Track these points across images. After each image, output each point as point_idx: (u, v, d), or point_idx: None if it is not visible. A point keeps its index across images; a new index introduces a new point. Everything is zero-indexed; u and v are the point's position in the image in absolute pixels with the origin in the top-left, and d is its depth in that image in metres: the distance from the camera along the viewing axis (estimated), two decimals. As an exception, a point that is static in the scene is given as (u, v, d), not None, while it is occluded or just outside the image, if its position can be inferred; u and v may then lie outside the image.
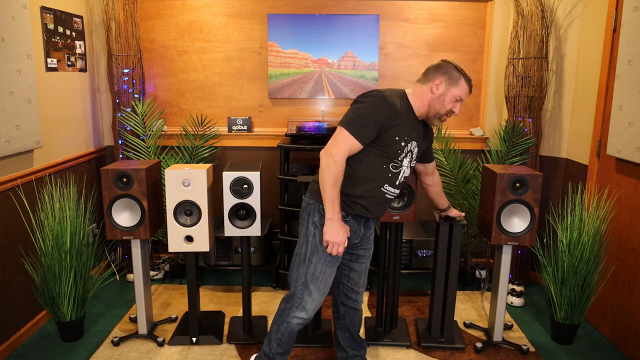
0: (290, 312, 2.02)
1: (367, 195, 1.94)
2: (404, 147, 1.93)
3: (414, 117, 1.96)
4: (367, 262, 2.16)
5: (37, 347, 2.59)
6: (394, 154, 1.92)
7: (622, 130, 2.50)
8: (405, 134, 1.91)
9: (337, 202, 1.83)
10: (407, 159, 1.98)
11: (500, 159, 3.28)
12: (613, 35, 2.70)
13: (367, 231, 2.09)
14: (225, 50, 3.53)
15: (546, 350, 2.63)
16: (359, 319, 2.25)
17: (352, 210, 1.96)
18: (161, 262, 3.52)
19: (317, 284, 1.97)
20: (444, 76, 1.91)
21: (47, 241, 2.48)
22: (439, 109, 1.94)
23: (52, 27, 2.88)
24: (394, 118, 1.85)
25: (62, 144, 3.02)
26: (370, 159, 1.91)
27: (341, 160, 1.82)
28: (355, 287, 2.16)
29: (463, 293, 3.29)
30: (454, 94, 1.92)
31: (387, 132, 1.86)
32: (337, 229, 1.83)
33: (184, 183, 2.40)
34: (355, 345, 2.29)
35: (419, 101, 1.95)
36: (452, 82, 1.91)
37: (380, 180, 1.94)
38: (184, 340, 2.62)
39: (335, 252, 1.86)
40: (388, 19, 3.48)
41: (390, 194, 2.01)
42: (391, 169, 1.95)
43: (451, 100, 1.93)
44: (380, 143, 1.89)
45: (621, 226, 2.63)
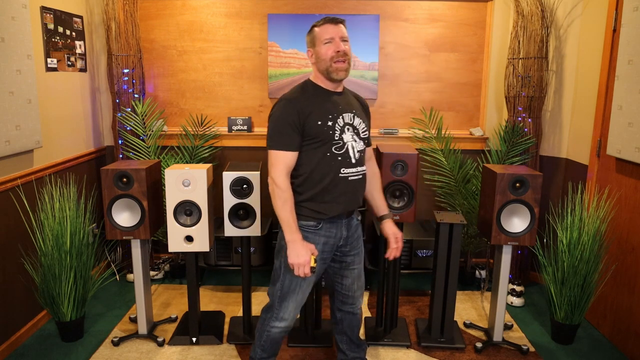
0: (270, 322, 2.02)
1: (330, 189, 1.86)
2: (334, 125, 1.85)
3: (330, 93, 1.90)
4: (359, 267, 2.07)
5: (37, 347, 2.59)
6: (328, 137, 1.84)
7: (622, 130, 2.50)
8: (328, 112, 1.85)
9: (292, 224, 1.80)
10: (349, 133, 1.89)
11: (500, 159, 3.28)
12: (613, 35, 2.70)
13: (352, 232, 2.00)
14: (225, 50, 3.53)
15: (546, 350, 2.63)
16: (358, 322, 2.19)
17: (323, 215, 1.88)
18: (161, 262, 3.52)
19: (293, 296, 1.96)
20: (307, 45, 1.92)
21: (47, 241, 2.48)
22: (324, 65, 1.86)
23: (52, 27, 2.88)
24: (302, 108, 1.81)
25: (62, 144, 3.02)
26: (311, 156, 1.85)
27: (282, 181, 1.80)
28: (349, 292, 2.09)
29: (463, 293, 3.29)
30: (321, 42, 1.85)
31: (307, 124, 1.81)
32: (299, 250, 1.79)
33: (184, 183, 2.40)
34: (355, 347, 2.26)
35: (317, 77, 1.92)
36: (313, 42, 1.89)
37: (333, 169, 1.86)
38: (184, 340, 2.62)
39: (302, 273, 1.81)
40: (388, 19, 3.48)
41: (354, 174, 1.91)
42: (335, 151, 1.86)
43: (325, 49, 1.85)
44: (309, 137, 1.83)
45: (621, 226, 2.63)
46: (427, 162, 3.48)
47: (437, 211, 2.68)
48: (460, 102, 3.60)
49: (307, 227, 1.89)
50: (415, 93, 3.59)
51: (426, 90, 3.58)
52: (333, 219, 1.91)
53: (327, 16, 1.90)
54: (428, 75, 3.56)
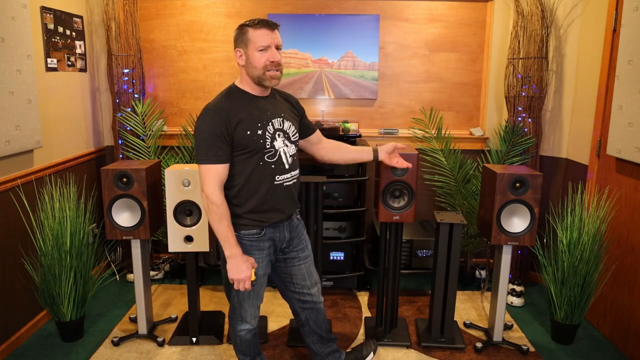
0: (237, 327, 2.01)
1: (267, 198, 1.84)
2: (264, 133, 1.80)
3: (256, 99, 1.84)
4: (307, 260, 2.06)
5: (37, 347, 2.59)
6: (258, 147, 1.79)
7: (622, 130, 2.50)
8: (256, 121, 1.79)
9: (231, 238, 1.78)
10: (279, 140, 1.85)
11: (500, 159, 3.28)
12: (613, 35, 2.70)
13: (294, 233, 2.00)
14: (225, 50, 3.53)
15: (546, 350, 2.63)
16: (323, 317, 2.16)
17: (264, 223, 1.86)
18: (161, 262, 3.52)
19: (249, 300, 1.95)
20: (237, 44, 1.80)
21: (47, 241, 2.48)
22: (255, 72, 1.78)
23: (52, 27, 2.88)
24: (229, 119, 1.74)
25: (62, 144, 3.02)
26: (243, 166, 1.81)
27: (216, 195, 1.74)
28: (304, 289, 2.06)
29: (463, 293, 3.29)
30: (255, 49, 1.76)
31: (236, 134, 1.75)
32: (239, 266, 1.78)
33: (184, 183, 2.40)
34: (327, 343, 2.22)
35: (245, 81, 1.84)
36: (244, 43, 1.77)
37: (267, 177, 1.83)
38: (184, 340, 2.62)
39: (243, 288, 1.80)
40: (388, 19, 3.48)
41: (289, 179, 1.89)
42: (268, 160, 1.82)
43: (259, 57, 1.76)
44: (239, 147, 1.78)
45: (621, 226, 2.63)
46: (427, 162, 3.48)
47: (437, 211, 2.68)
48: (460, 102, 3.60)
49: (251, 236, 1.87)
50: (415, 93, 3.59)
51: (426, 90, 3.58)
52: (275, 224, 1.91)
53: (261, 19, 1.78)
54: (428, 75, 3.56)
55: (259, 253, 1.90)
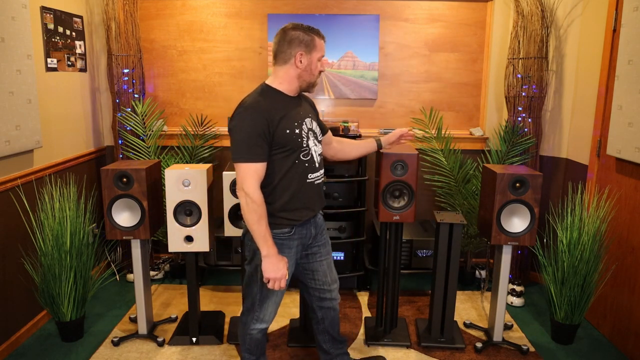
0: (250, 325, 2.01)
1: (299, 196, 1.88)
2: (301, 132, 1.85)
3: (290, 99, 1.88)
4: (329, 257, 2.10)
5: (37, 347, 2.59)
6: (296, 145, 1.84)
7: (622, 130, 2.50)
8: (293, 120, 1.83)
9: (268, 237, 1.78)
10: (311, 139, 1.91)
11: (500, 159, 3.28)
12: (613, 35, 2.70)
13: (318, 229, 2.04)
14: (225, 50, 3.53)
15: (546, 350, 2.63)
16: (338, 318, 2.21)
17: (295, 222, 1.89)
18: (161, 262, 3.52)
19: (273, 298, 1.96)
20: (300, 46, 1.82)
21: (47, 241, 2.48)
22: (310, 78, 1.88)
23: (52, 27, 2.88)
24: (271, 118, 1.77)
25: (62, 144, 3.02)
26: (280, 165, 1.83)
27: (256, 194, 1.75)
28: (325, 286, 2.10)
29: (463, 293, 3.29)
30: (318, 57, 1.86)
31: (276, 133, 1.78)
32: (276, 264, 1.79)
33: (184, 183, 2.40)
34: (338, 344, 2.25)
35: (287, 82, 1.86)
36: (309, 48, 1.83)
37: (302, 175, 1.88)
38: (184, 340, 2.62)
39: (278, 287, 1.81)
40: (388, 19, 3.48)
41: (318, 178, 1.95)
42: (303, 158, 1.87)
43: (317, 64, 1.87)
44: (278, 146, 1.81)
45: (621, 226, 2.63)
46: (427, 162, 3.48)
47: (437, 211, 2.68)
48: (460, 102, 3.60)
49: (282, 235, 1.89)
50: (415, 93, 3.59)
51: (426, 90, 3.58)
52: (303, 222, 1.94)
53: (318, 29, 1.87)
54: (428, 75, 3.56)
55: (288, 252, 1.92)
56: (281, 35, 1.84)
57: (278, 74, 1.87)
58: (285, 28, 1.85)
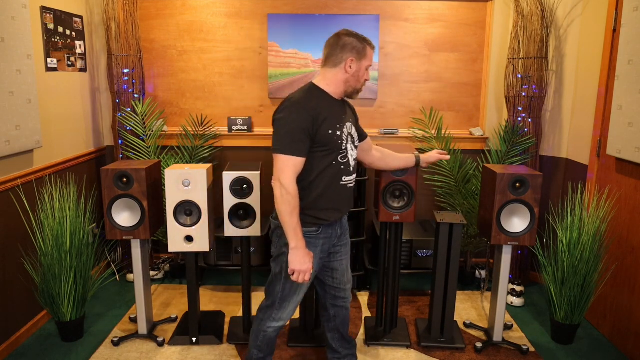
0: (267, 323, 2.04)
1: (332, 196, 1.92)
2: (342, 135, 1.89)
3: (334, 102, 1.93)
4: (347, 257, 2.14)
5: (37, 347, 2.59)
6: (336, 147, 1.88)
7: (622, 130, 2.50)
8: (335, 122, 1.88)
9: (298, 230, 1.81)
10: (350, 143, 1.95)
11: (500, 159, 3.28)
12: (613, 35, 2.70)
13: (343, 229, 2.08)
14: (225, 50, 3.53)
15: (546, 350, 2.63)
16: (348, 318, 2.26)
17: (323, 221, 1.93)
18: (161, 262, 3.52)
19: (294, 298, 2.00)
20: (353, 52, 1.88)
21: (47, 241, 2.48)
22: (356, 84, 1.94)
23: (52, 27, 2.88)
24: (316, 117, 1.81)
25: (62, 144, 3.02)
26: (318, 163, 1.87)
27: (292, 186, 1.79)
28: (341, 285, 2.15)
29: (463, 293, 3.29)
30: (366, 65, 1.93)
31: (319, 132, 1.82)
32: (303, 257, 1.82)
33: (184, 183, 2.40)
34: (347, 344, 2.30)
35: (334, 85, 1.92)
36: (360, 56, 1.90)
37: (336, 176, 1.92)
38: (184, 340, 2.62)
39: (302, 280, 1.84)
40: (388, 19, 3.48)
41: (351, 182, 1.99)
42: (340, 160, 1.92)
43: (364, 72, 1.93)
44: (319, 144, 1.85)
45: (621, 226, 2.63)
46: (427, 162, 3.47)
47: (437, 211, 2.68)
48: (460, 102, 3.60)
49: (309, 233, 1.92)
50: (415, 93, 3.59)
51: (426, 90, 3.58)
52: (331, 223, 1.97)
53: (369, 39, 1.94)
54: (428, 75, 3.56)
55: (313, 250, 1.94)
56: (335, 40, 1.90)
57: (326, 75, 1.92)
58: (339, 33, 1.91)
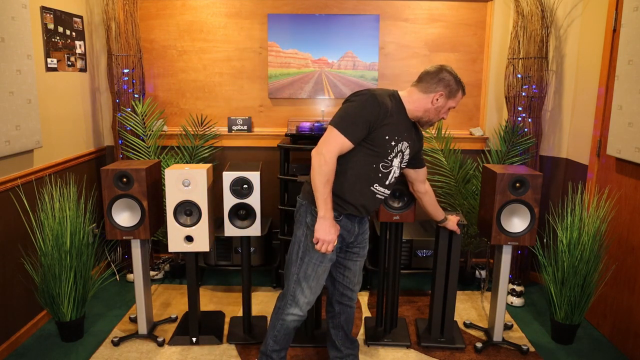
0: (285, 309, 2.06)
1: (357, 194, 1.95)
2: (394, 147, 1.93)
3: (406, 118, 1.97)
4: (362, 260, 2.17)
5: (37, 347, 2.59)
6: (384, 154, 1.92)
7: (622, 130, 2.50)
8: (396, 133, 1.92)
9: (329, 201, 1.84)
10: (398, 159, 1.99)
11: (500, 159, 3.28)
12: (613, 35, 2.70)
13: (362, 229, 2.10)
14: (225, 50, 3.53)
15: (546, 350, 2.63)
16: (353, 317, 2.29)
17: (343, 210, 1.96)
18: (161, 262, 3.52)
19: (309, 282, 2.00)
20: (445, 90, 1.94)
21: (47, 241, 2.48)
22: (433, 117, 1.99)
23: (52, 27, 2.88)
24: (384, 117, 1.85)
25: (62, 144, 3.02)
26: (360, 158, 1.91)
27: (332, 159, 1.83)
28: (350, 285, 2.18)
29: (463, 293, 3.29)
30: (450, 106, 1.98)
31: (377, 131, 1.87)
32: (329, 228, 1.85)
33: (184, 183, 2.40)
34: (349, 344, 2.31)
35: (414, 106, 1.96)
36: (451, 95, 1.96)
37: (370, 180, 1.95)
38: (184, 340, 2.62)
39: (325, 249, 1.87)
40: (388, 19, 3.48)
41: (381, 193, 2.01)
42: (381, 168, 1.95)
43: (446, 111, 1.99)
44: (370, 142, 1.89)
45: (621, 226, 2.63)
46: (427, 162, 3.46)
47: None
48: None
49: None
50: (415, 93, 3.58)
51: (426, 90, 3.58)
52: (350, 216, 2.00)
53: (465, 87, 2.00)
54: (428, 75, 3.55)
55: None
56: (437, 70, 1.95)
57: (412, 96, 1.97)
58: (443, 67, 1.96)
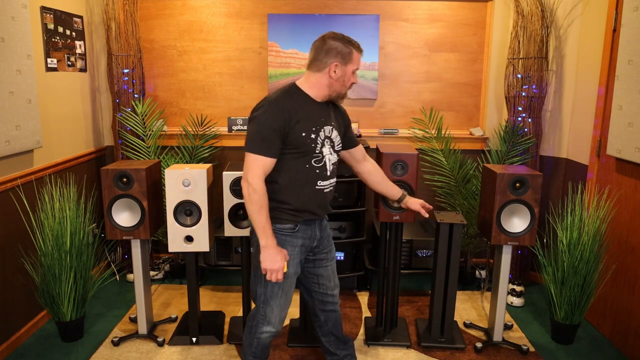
0: (258, 329, 1.99)
1: (306, 199, 1.89)
2: (317, 138, 1.85)
3: (315, 104, 1.89)
4: (333, 263, 2.11)
5: (37, 347, 2.59)
6: (309, 150, 1.85)
7: (622, 130, 2.50)
8: (312, 125, 1.84)
9: (267, 228, 1.80)
10: (327, 147, 1.90)
11: (500, 159, 3.28)
12: (613, 35, 2.70)
13: (324, 233, 2.05)
14: (225, 50, 3.53)
15: (546, 350, 2.63)
16: (340, 319, 2.23)
17: (299, 219, 1.91)
18: (161, 262, 3.52)
19: (277, 300, 1.95)
20: (338, 57, 1.83)
21: (47, 241, 2.48)
22: (341, 89, 1.89)
23: (52, 27, 2.88)
24: (290, 118, 1.79)
25: (62, 144, 3.02)
26: (290, 165, 1.85)
27: (259, 185, 1.77)
28: (328, 291, 2.11)
29: (463, 293, 3.29)
30: (352, 69, 1.87)
31: (291, 133, 1.80)
32: (274, 256, 1.80)
33: (184, 183, 2.40)
34: (343, 345, 2.26)
35: (317, 88, 1.88)
36: (346, 60, 1.85)
37: (310, 180, 1.88)
38: (184, 340, 2.62)
39: (275, 279, 1.82)
40: (388, 19, 3.48)
41: (327, 186, 1.95)
42: (314, 164, 1.88)
43: (350, 76, 1.88)
44: (291, 146, 1.82)
45: (621, 226, 2.63)
46: (427, 162, 3.48)
47: (437, 211, 2.68)
48: (460, 102, 3.60)
49: (285, 230, 1.90)
50: (415, 93, 3.59)
51: (426, 90, 3.58)
52: (308, 221, 1.95)
53: (358, 42, 1.88)
54: (428, 75, 3.56)
55: (292, 249, 1.92)
56: (320, 43, 1.86)
57: (310, 79, 1.89)
58: (325, 36, 1.86)
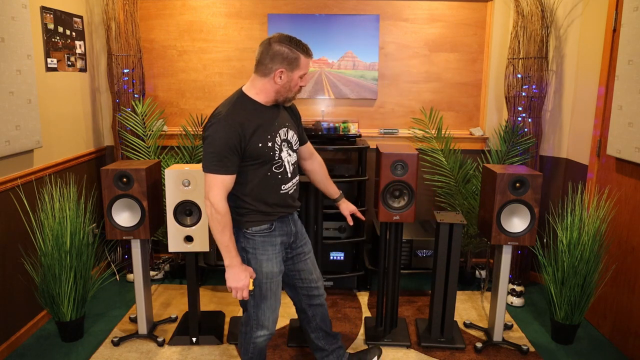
0: (253, 334, 1.99)
1: (275, 201, 1.89)
2: (273, 145, 1.83)
3: (266, 110, 1.85)
4: (311, 255, 2.12)
5: (37, 347, 2.59)
6: (268, 158, 1.83)
7: (622, 130, 2.50)
8: (266, 133, 1.81)
9: (231, 247, 1.80)
10: (285, 150, 1.89)
11: (500, 159, 3.28)
12: (613, 35, 2.70)
13: (298, 227, 2.06)
14: (225, 50, 3.53)
15: (546, 350, 2.63)
16: (327, 313, 2.22)
17: (273, 217, 1.91)
18: (161, 262, 3.52)
19: (267, 302, 1.95)
20: (283, 64, 1.77)
21: (47, 241, 2.48)
22: (288, 94, 1.85)
23: (52, 27, 2.88)
24: (244, 132, 1.75)
25: (62, 144, 3.02)
26: (251, 177, 1.84)
27: (220, 204, 1.75)
28: (312, 283, 2.12)
29: (463, 293, 3.29)
30: (300, 75, 1.81)
31: (248, 147, 1.77)
32: (238, 275, 1.81)
33: (184, 183, 2.40)
34: (332, 339, 2.25)
35: (264, 94, 1.83)
36: (292, 66, 1.78)
37: (274, 186, 1.88)
38: (184, 340, 2.62)
39: (240, 296, 1.83)
40: (388, 19, 3.48)
41: (291, 188, 1.95)
42: (275, 170, 1.87)
43: (297, 82, 1.83)
44: (249, 158, 1.80)
45: (621, 226, 2.63)
46: (427, 162, 3.48)
47: (437, 211, 2.68)
48: (460, 102, 3.60)
49: (263, 231, 1.90)
50: (415, 93, 3.59)
51: (426, 90, 3.58)
52: (282, 218, 1.96)
53: (306, 45, 1.82)
54: (428, 75, 3.56)
55: (272, 249, 1.92)
56: (265, 47, 1.79)
57: (256, 84, 1.83)
58: (271, 40, 1.79)
